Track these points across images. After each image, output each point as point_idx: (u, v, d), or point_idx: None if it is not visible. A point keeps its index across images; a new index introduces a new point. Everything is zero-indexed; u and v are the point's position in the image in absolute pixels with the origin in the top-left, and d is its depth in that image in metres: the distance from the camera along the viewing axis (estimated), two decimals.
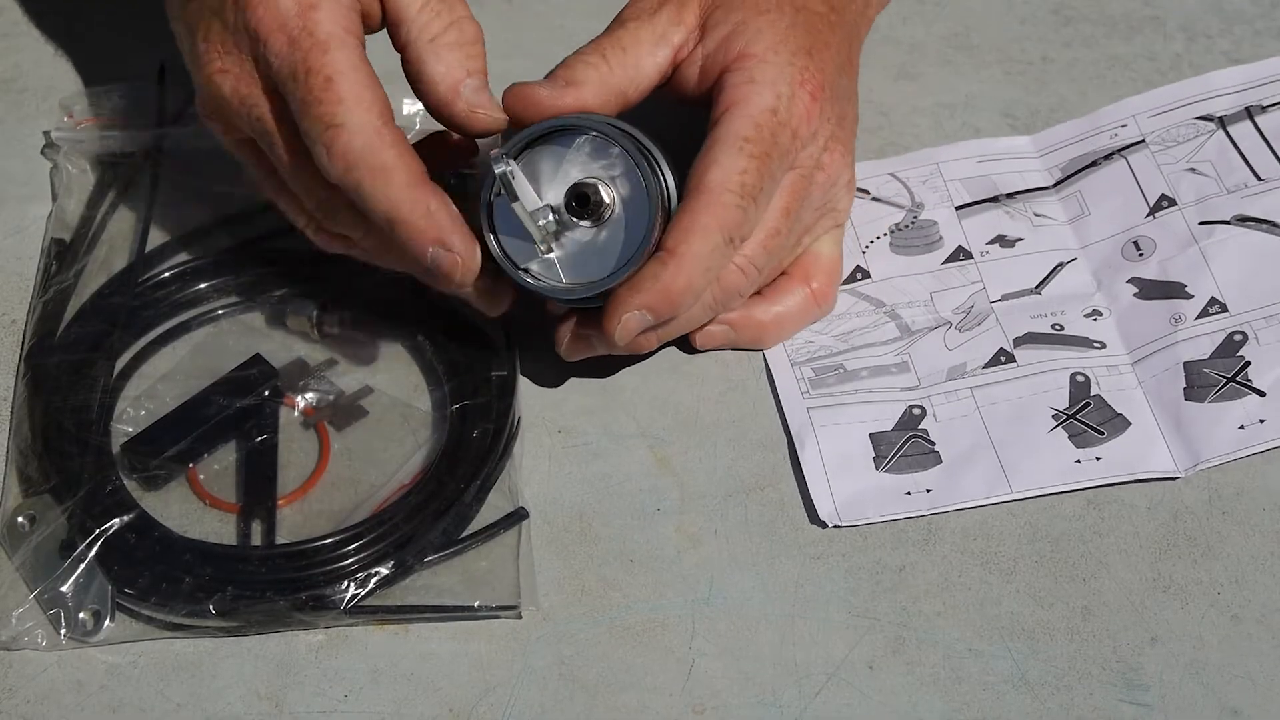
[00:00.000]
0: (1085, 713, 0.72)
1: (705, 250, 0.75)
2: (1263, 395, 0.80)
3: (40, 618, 0.74)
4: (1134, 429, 0.80)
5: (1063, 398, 0.81)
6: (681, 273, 0.75)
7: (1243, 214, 0.86)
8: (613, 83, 0.79)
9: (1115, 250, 0.86)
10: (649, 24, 0.80)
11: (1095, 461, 0.79)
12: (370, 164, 0.73)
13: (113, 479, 0.77)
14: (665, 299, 0.75)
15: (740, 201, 0.75)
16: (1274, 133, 0.89)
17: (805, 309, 0.83)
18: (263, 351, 0.82)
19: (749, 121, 0.76)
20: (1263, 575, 0.76)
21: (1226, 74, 0.93)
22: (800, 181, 0.79)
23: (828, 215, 0.83)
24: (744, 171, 0.75)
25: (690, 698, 0.72)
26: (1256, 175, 0.88)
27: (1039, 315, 0.84)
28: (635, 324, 0.76)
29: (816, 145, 0.79)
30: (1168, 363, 0.81)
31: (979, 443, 0.80)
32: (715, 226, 0.75)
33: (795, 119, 0.77)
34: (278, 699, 0.72)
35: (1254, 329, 0.82)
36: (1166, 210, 0.87)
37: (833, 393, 0.81)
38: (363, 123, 0.73)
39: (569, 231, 0.76)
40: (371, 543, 0.75)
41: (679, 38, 0.80)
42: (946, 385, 0.82)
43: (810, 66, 0.78)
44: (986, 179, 0.90)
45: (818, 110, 0.78)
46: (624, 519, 0.78)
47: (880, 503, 0.78)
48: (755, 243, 0.78)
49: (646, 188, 0.75)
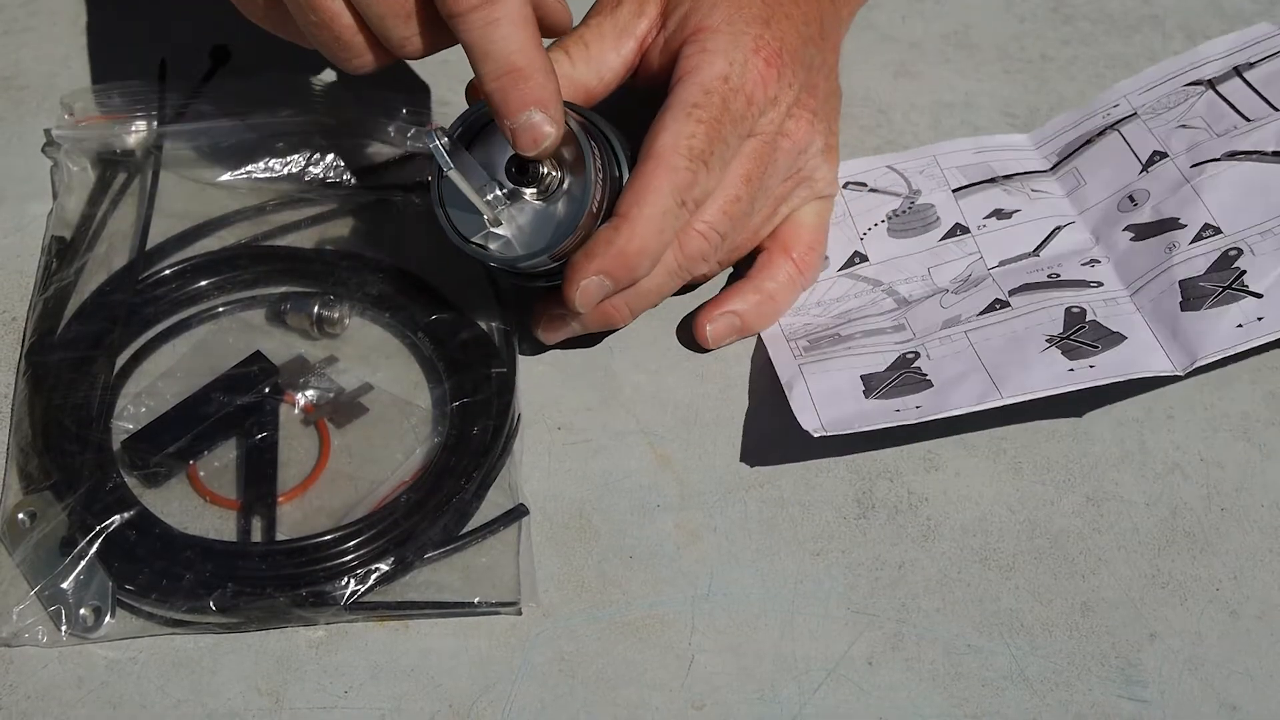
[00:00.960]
0: (1084, 709, 0.72)
1: (656, 212, 0.75)
2: (1260, 296, 0.80)
3: (41, 614, 0.74)
4: (1130, 340, 0.80)
5: (1057, 327, 0.81)
6: (635, 236, 0.75)
7: (1233, 150, 0.86)
8: (577, 78, 0.80)
9: (1111, 207, 0.86)
10: (611, 18, 0.81)
11: (1089, 368, 0.78)
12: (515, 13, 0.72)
13: (113, 476, 0.77)
14: (620, 262, 0.76)
15: (689, 164, 0.76)
16: (1262, 82, 0.89)
17: (792, 280, 0.84)
18: (263, 349, 0.82)
19: (698, 88, 0.77)
20: (1261, 571, 0.76)
21: (1214, 44, 0.93)
22: (762, 148, 0.79)
23: (803, 185, 0.83)
24: (692, 136, 0.76)
25: (690, 694, 0.73)
26: (1245, 117, 0.87)
27: (1036, 271, 0.84)
28: (595, 289, 0.76)
29: (778, 111, 0.79)
30: (1164, 285, 0.81)
31: (971, 366, 0.79)
32: (666, 189, 0.75)
33: (749, 84, 0.78)
34: (278, 695, 0.72)
35: (1249, 244, 0.82)
36: (1159, 163, 0.87)
37: (825, 353, 0.82)
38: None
39: (520, 208, 0.77)
40: (371, 539, 0.75)
41: (643, 28, 0.81)
42: (941, 333, 0.82)
43: (765, 35, 0.79)
44: (984, 165, 0.90)
45: (774, 76, 0.79)
46: (624, 515, 0.78)
47: (868, 416, 0.78)
48: (715, 209, 0.79)
49: (585, 153, 0.75)
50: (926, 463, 0.80)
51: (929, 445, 0.80)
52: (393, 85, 0.92)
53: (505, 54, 0.72)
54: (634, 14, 0.81)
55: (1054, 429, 0.81)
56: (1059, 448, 0.80)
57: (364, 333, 0.85)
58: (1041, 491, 0.79)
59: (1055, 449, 0.80)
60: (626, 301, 0.80)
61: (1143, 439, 0.81)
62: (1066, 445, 0.81)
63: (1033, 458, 0.80)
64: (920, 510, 0.78)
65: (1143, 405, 0.82)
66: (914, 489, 0.79)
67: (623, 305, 0.80)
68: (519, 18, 0.72)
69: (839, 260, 0.87)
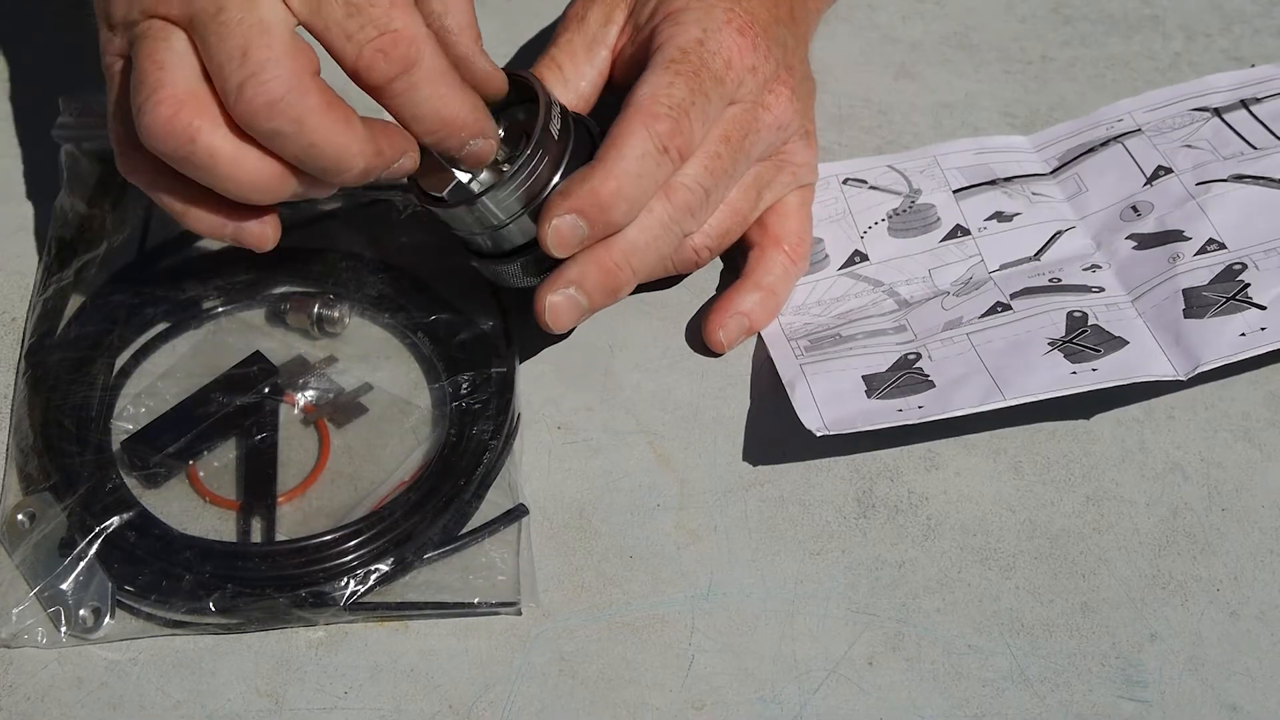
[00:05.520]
0: (1084, 709, 0.72)
1: (634, 154, 0.75)
2: (1263, 309, 0.80)
3: (40, 615, 0.74)
4: (1132, 345, 0.80)
5: (1059, 330, 0.81)
6: (610, 176, 0.75)
7: (1239, 173, 0.86)
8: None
9: (1114, 216, 0.87)
10: (579, 32, 0.82)
11: (1091, 371, 0.78)
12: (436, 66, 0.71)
13: (113, 476, 0.77)
14: (593, 202, 0.75)
15: (669, 111, 0.76)
16: (1270, 117, 0.90)
17: (788, 271, 0.84)
18: (263, 349, 0.82)
19: (675, 48, 0.78)
20: (1262, 572, 0.76)
21: (1220, 77, 0.93)
22: (743, 115, 0.80)
23: (785, 169, 0.83)
24: (670, 85, 0.77)
25: (690, 694, 0.72)
26: (1252, 146, 0.88)
27: (1037, 275, 0.84)
28: (568, 230, 0.75)
29: (756, 80, 0.80)
30: (1167, 292, 0.81)
31: (974, 368, 0.79)
32: (643, 133, 0.76)
33: (725, 48, 0.78)
34: (278, 696, 0.72)
35: (1253, 259, 0.82)
36: (1163, 178, 0.87)
37: (827, 354, 0.82)
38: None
39: (494, 174, 0.77)
40: (371, 540, 0.75)
41: (613, 35, 0.82)
42: (942, 335, 0.82)
43: (736, 8, 0.80)
44: (984, 166, 0.90)
45: (749, 45, 0.79)
46: (624, 515, 0.78)
47: (870, 416, 0.78)
48: (698, 164, 0.79)
49: (541, 108, 0.75)
50: (927, 462, 0.80)
51: (929, 445, 0.80)
52: None
53: (432, 113, 0.72)
54: (601, 22, 0.82)
55: (1054, 429, 0.81)
56: (1059, 448, 0.80)
57: (364, 333, 0.85)
58: (1042, 491, 0.79)
59: (1055, 449, 0.80)
60: (625, 256, 0.77)
61: (1143, 439, 0.81)
62: (1067, 445, 0.81)
63: (1033, 458, 0.80)
64: (920, 510, 0.78)
65: (1143, 405, 0.82)
66: (914, 489, 0.79)
67: (621, 260, 0.78)
68: (434, 73, 0.71)
69: (839, 259, 0.87)
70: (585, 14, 0.83)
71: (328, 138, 0.69)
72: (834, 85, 0.95)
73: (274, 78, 0.67)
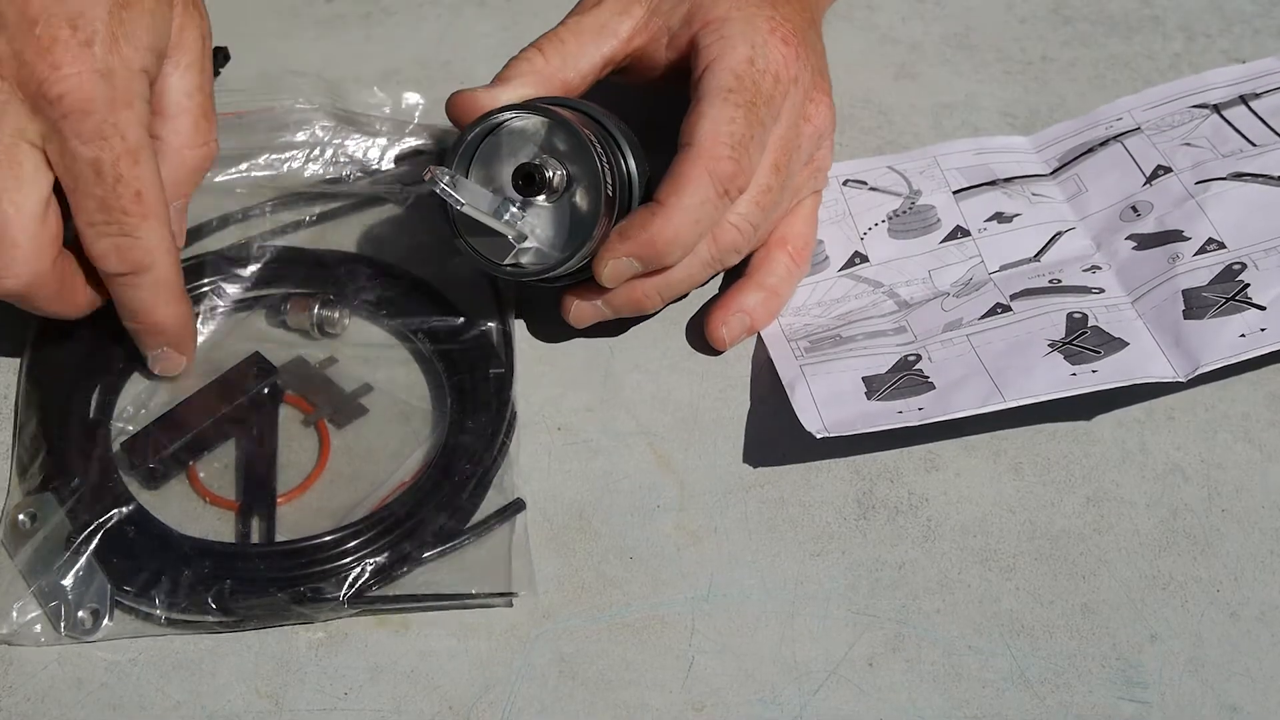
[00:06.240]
0: (1085, 710, 0.72)
1: (695, 202, 0.76)
2: (1263, 309, 0.80)
3: (40, 615, 0.74)
4: (1132, 346, 0.80)
5: (1059, 332, 0.81)
6: (670, 223, 0.76)
7: (1239, 171, 0.86)
8: (549, 73, 0.81)
9: (1114, 216, 0.87)
10: (591, 15, 0.82)
11: (1091, 373, 0.78)
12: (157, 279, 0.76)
13: (113, 477, 0.77)
14: (651, 247, 0.77)
15: (732, 153, 0.77)
16: (1269, 112, 0.90)
17: (790, 273, 0.84)
18: (263, 349, 0.82)
19: (729, 73, 0.78)
20: (1262, 573, 0.76)
21: (1219, 72, 0.93)
22: (789, 133, 0.80)
23: (815, 175, 0.84)
24: (732, 120, 0.77)
25: (690, 695, 0.72)
26: (1251, 143, 0.88)
27: (1037, 276, 0.84)
28: (624, 269, 0.78)
29: (799, 92, 0.80)
30: (1167, 293, 0.81)
31: (973, 370, 0.80)
32: (706, 178, 0.76)
33: (774, 64, 0.79)
34: (277, 696, 0.72)
35: (1253, 259, 0.82)
36: (1162, 177, 0.87)
37: (827, 355, 0.82)
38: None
39: (536, 214, 0.77)
40: (371, 540, 0.75)
41: (626, 27, 0.82)
42: (942, 336, 0.82)
43: (776, 16, 0.80)
44: (984, 167, 0.91)
45: (794, 55, 0.80)
46: (624, 516, 0.78)
47: (871, 418, 0.78)
48: (749, 200, 0.79)
49: (584, 142, 0.76)
50: (927, 463, 0.80)
51: (929, 446, 0.80)
52: (393, 86, 0.92)
53: (144, 312, 0.77)
54: (616, 12, 0.82)
55: (1054, 430, 0.81)
56: (1059, 448, 0.80)
57: (364, 333, 0.85)
58: (1042, 492, 0.79)
59: (1056, 450, 0.80)
60: (658, 289, 0.80)
61: (1143, 440, 0.81)
62: (1067, 446, 0.81)
63: (1033, 458, 0.80)
64: (921, 511, 0.78)
65: (1144, 406, 0.82)
66: (914, 490, 0.79)
67: (654, 292, 0.80)
68: (159, 283, 0.76)
69: (839, 260, 0.87)
70: (600, 2, 0.82)
71: (61, 311, 0.77)
72: (834, 85, 0.94)
73: (13, 276, 0.74)
